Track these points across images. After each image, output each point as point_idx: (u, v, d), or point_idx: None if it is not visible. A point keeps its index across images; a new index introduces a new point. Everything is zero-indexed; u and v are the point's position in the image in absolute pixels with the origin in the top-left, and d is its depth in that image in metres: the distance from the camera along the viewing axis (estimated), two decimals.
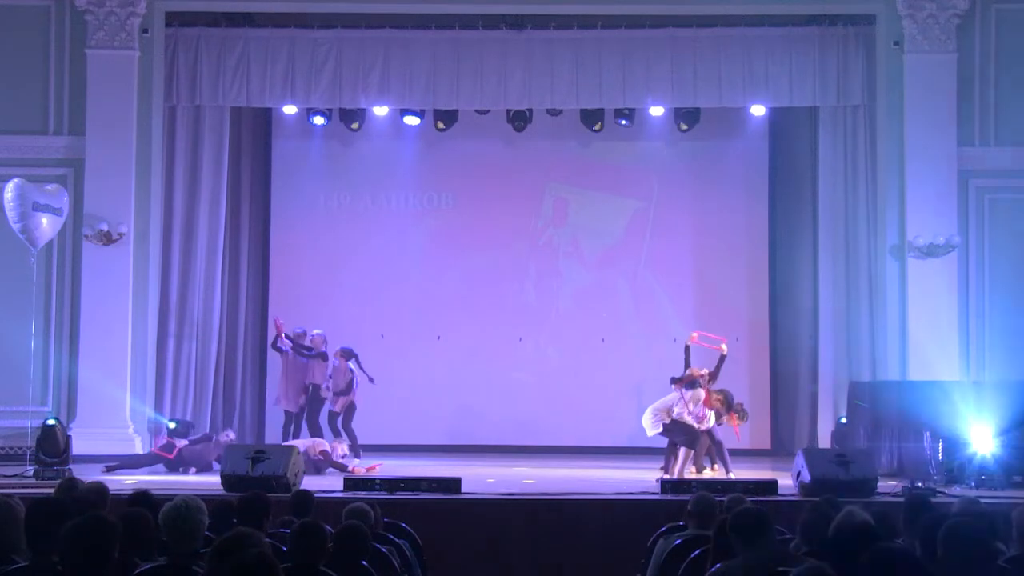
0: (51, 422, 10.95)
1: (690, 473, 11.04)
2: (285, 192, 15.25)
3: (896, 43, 13.03)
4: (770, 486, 9.49)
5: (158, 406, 13.15)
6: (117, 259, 12.86)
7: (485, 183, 15.12)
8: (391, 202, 15.08)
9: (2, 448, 12.59)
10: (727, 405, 11.45)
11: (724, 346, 11.69)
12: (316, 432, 12.72)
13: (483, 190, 15.13)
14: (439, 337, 14.65)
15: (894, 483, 9.90)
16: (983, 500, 6.22)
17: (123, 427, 12.77)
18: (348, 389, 12.78)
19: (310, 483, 9.43)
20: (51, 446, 10.73)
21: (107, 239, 12.77)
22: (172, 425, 12.64)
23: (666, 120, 14.48)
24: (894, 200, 13.05)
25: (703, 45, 13.34)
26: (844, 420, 12.59)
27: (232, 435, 12.43)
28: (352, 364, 12.83)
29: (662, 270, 15.04)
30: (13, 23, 13.19)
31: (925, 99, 12.93)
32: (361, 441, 13.03)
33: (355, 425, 12.90)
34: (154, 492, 6.42)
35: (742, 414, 11.60)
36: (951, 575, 4.11)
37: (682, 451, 11.05)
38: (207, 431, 12.91)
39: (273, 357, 14.41)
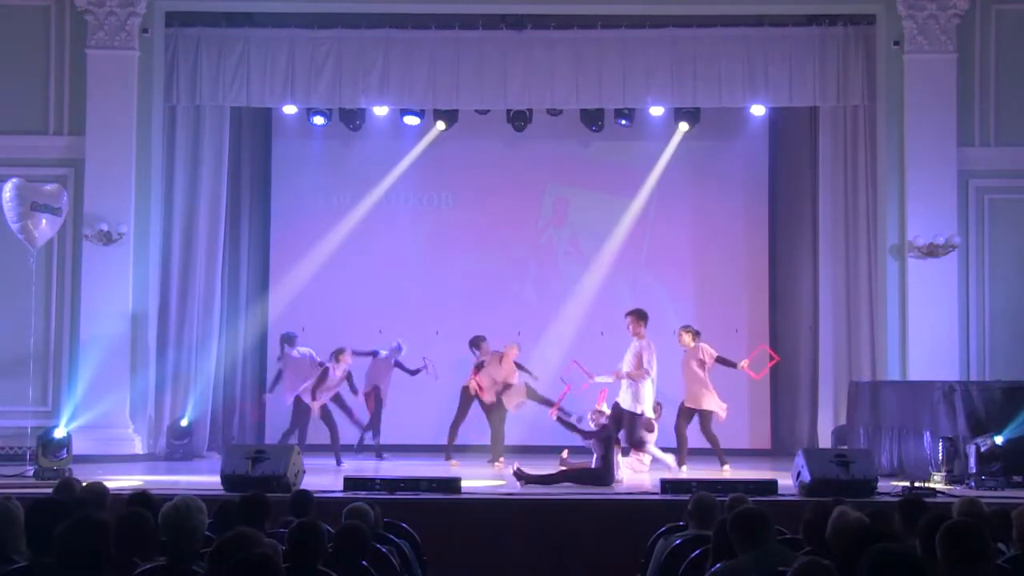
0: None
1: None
2: (285, 192, 15.24)
3: (896, 43, 13.04)
4: (770, 486, 9.47)
5: (158, 406, 13.14)
6: (117, 259, 12.87)
7: (485, 183, 15.11)
8: (391, 202, 15.06)
9: (2, 448, 12.58)
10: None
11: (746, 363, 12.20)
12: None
13: (483, 190, 15.12)
14: (437, 332, 14.63)
15: (894, 483, 9.89)
16: (983, 500, 6.19)
17: (123, 427, 12.78)
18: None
19: (309, 483, 9.43)
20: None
21: (107, 239, 12.77)
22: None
23: (666, 120, 14.48)
24: (894, 200, 13.05)
25: (703, 45, 13.34)
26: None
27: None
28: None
29: (662, 270, 15.03)
30: (13, 23, 13.20)
31: (925, 99, 12.95)
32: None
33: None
34: (154, 492, 6.42)
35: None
36: (951, 575, 4.11)
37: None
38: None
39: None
